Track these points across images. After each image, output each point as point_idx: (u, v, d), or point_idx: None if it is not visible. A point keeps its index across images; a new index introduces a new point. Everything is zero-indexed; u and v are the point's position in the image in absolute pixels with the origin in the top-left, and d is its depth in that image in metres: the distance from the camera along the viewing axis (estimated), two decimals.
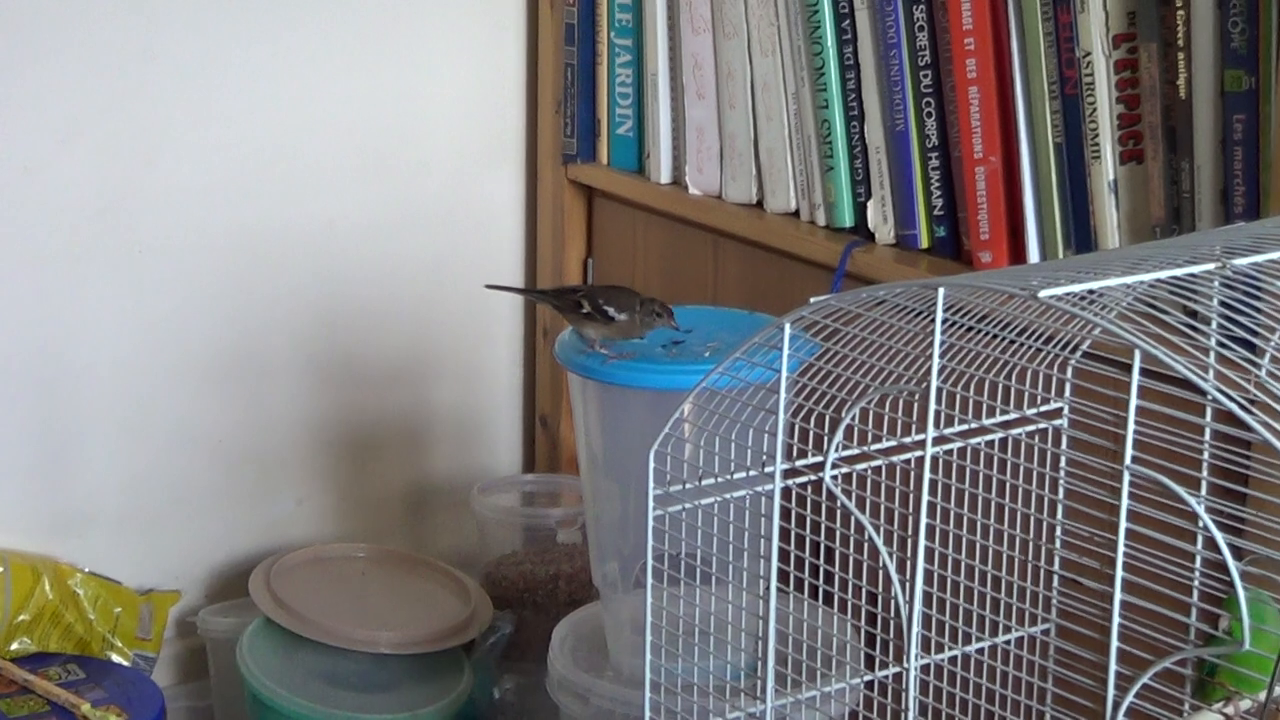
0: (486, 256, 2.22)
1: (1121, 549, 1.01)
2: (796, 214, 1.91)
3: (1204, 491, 1.12)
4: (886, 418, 1.14)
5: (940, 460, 1.12)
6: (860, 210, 1.83)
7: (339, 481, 2.18)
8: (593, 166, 2.13)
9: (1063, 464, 1.16)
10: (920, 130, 1.76)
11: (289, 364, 2.11)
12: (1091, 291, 1.03)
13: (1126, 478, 0.99)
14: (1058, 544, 1.17)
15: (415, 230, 2.16)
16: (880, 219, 1.81)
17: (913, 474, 1.12)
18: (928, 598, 1.13)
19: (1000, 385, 1.13)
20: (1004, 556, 1.15)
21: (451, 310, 2.20)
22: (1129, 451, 0.99)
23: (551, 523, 2.07)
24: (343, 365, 2.14)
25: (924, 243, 1.78)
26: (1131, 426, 0.99)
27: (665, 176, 2.05)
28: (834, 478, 1.13)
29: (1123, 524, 1.01)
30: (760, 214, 1.93)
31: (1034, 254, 1.67)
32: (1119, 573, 1.01)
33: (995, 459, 1.15)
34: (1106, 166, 1.60)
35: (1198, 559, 1.07)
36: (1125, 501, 1.00)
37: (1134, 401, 0.99)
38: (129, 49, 1.97)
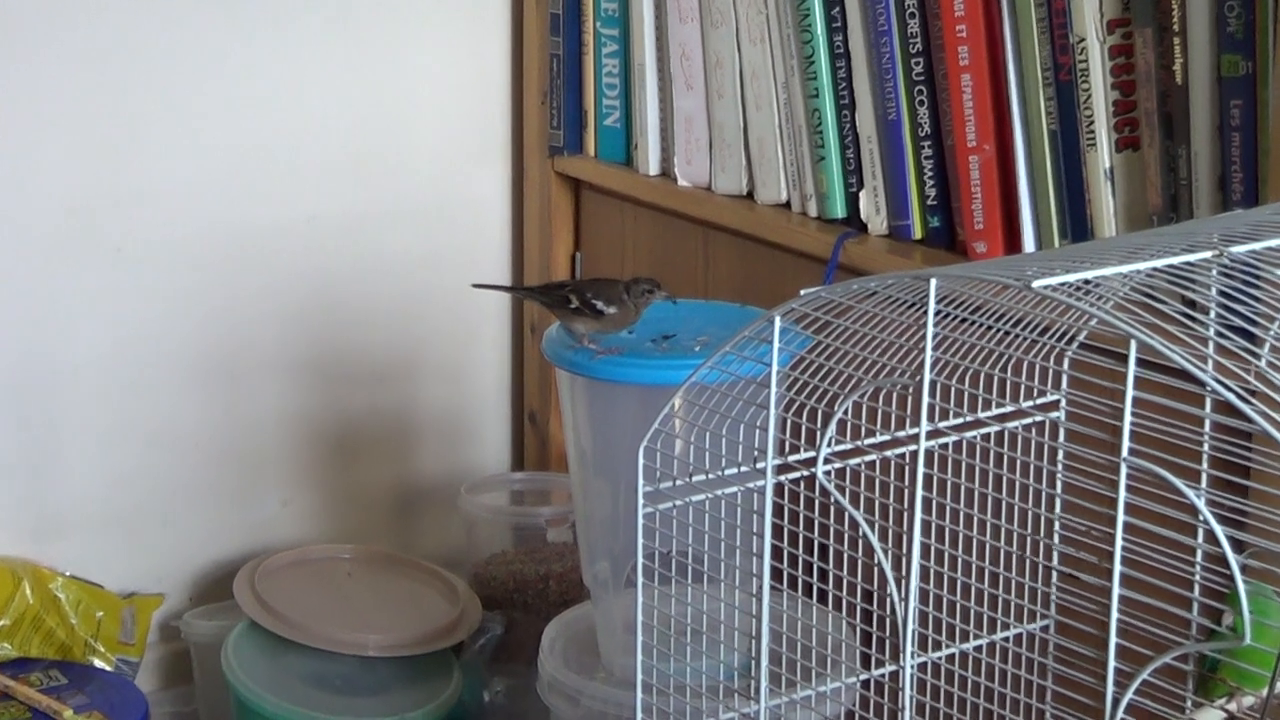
0: (473, 251, 2.21)
1: (1120, 543, 1.01)
2: (788, 205, 1.90)
3: (1204, 484, 1.12)
4: (880, 411, 1.14)
5: (935, 454, 1.12)
6: (852, 201, 1.82)
7: (324, 482, 2.17)
8: (580, 159, 2.12)
9: (1060, 457, 1.15)
10: (912, 119, 1.75)
11: (273, 363, 2.10)
12: (1087, 281, 1.03)
13: (1124, 470, 0.99)
14: (1056, 539, 1.16)
15: (400, 225, 2.15)
16: (873, 210, 1.80)
17: (907, 469, 1.11)
18: (924, 594, 1.13)
19: (995, 378, 1.12)
20: (1001, 552, 1.15)
21: (438, 306, 2.19)
22: (1126, 444, 0.99)
23: (541, 521, 2.06)
24: (327, 364, 2.13)
25: (917, 233, 1.78)
26: (1129, 418, 0.99)
27: (654, 168, 2.04)
28: (827, 473, 1.13)
29: (1121, 518, 1.00)
30: (751, 205, 1.92)
31: (1029, 244, 1.67)
32: (1117, 567, 1.01)
33: (991, 453, 1.15)
34: (1102, 154, 1.59)
35: (1198, 553, 1.06)
36: (1123, 495, 0.99)
37: (1130, 393, 0.99)
38: (108, 44, 1.96)
